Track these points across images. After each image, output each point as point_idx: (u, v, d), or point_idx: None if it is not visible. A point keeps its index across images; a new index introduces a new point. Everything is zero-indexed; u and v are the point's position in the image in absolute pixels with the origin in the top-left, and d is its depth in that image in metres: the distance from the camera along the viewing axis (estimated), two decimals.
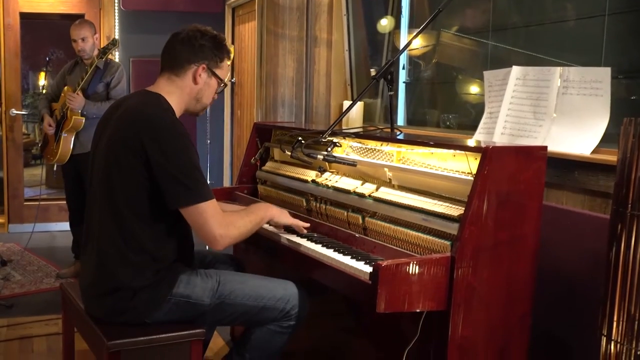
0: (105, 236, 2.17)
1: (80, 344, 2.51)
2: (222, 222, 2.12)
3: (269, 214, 2.37)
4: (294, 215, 2.53)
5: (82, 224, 2.38)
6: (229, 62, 2.38)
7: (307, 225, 2.48)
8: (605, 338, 1.68)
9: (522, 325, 2.11)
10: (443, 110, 3.53)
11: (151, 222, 2.15)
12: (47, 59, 5.76)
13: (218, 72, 2.33)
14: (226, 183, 6.17)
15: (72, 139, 4.28)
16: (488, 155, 1.93)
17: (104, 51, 4.17)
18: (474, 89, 3.32)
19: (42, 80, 9.04)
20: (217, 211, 2.12)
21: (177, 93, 2.28)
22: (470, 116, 3.27)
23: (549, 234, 2.19)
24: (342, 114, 2.59)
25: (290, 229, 2.49)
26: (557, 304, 2.25)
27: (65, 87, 4.32)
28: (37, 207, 5.34)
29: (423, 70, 3.78)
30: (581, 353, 2.17)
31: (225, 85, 2.40)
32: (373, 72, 4.13)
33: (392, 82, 2.52)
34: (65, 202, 4.60)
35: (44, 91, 5.56)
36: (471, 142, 2.39)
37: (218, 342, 3.28)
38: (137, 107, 2.20)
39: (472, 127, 3.00)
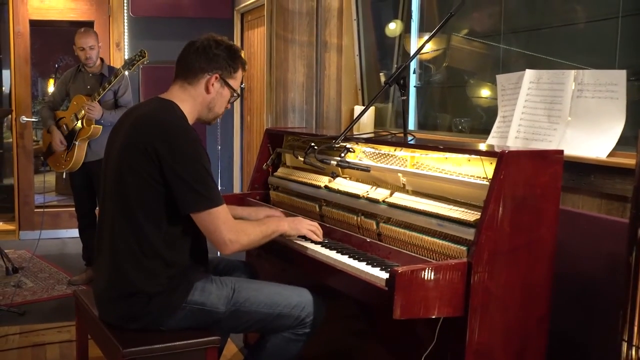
0: (118, 241, 2.17)
1: (93, 351, 2.51)
2: (232, 228, 2.14)
3: (281, 229, 2.36)
4: None
5: (91, 231, 2.38)
6: (243, 73, 2.38)
7: (320, 239, 2.45)
8: (626, 343, 1.66)
9: (539, 330, 2.09)
10: (454, 114, 3.51)
11: (164, 227, 2.15)
12: (56, 65, 5.79)
13: (231, 82, 2.33)
14: (236, 189, 6.17)
15: (85, 146, 4.29)
16: (504, 159, 1.92)
17: (132, 62, 4.16)
18: (485, 92, 3.30)
19: (51, 87, 9.08)
20: (229, 216, 2.15)
21: (190, 101, 2.28)
22: (481, 120, 3.25)
23: (565, 238, 2.17)
24: (355, 119, 2.58)
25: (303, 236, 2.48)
26: (574, 308, 2.23)
27: (77, 97, 4.32)
28: (42, 214, 5.36)
29: (433, 74, 3.77)
30: (599, 357, 2.15)
31: (238, 95, 2.40)
32: (382, 76, 4.12)
33: (405, 87, 2.50)
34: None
35: (44, 99, 5.59)
36: (485, 147, 2.38)
37: (231, 348, 3.27)
38: (150, 113, 2.21)
39: (484, 131, 2.99)
